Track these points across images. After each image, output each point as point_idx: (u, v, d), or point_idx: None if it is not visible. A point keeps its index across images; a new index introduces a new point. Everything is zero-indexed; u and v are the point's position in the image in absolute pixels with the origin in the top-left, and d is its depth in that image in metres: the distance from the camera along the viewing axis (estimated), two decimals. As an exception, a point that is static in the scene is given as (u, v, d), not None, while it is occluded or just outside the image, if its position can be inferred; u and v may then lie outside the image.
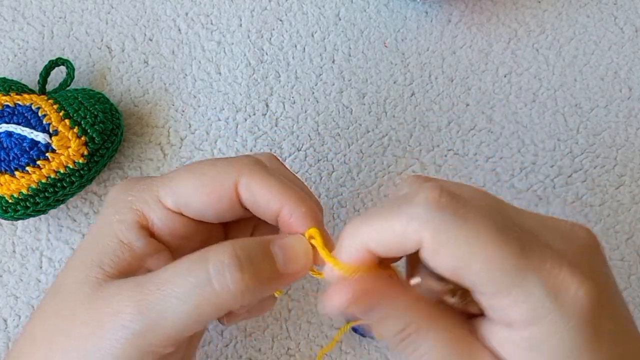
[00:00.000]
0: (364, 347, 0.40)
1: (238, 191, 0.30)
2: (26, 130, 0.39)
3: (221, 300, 0.27)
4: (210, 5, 0.47)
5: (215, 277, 0.27)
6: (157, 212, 0.30)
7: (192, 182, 0.30)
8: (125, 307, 0.27)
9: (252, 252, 0.28)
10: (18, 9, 0.47)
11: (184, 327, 0.27)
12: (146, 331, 0.27)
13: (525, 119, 0.45)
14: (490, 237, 0.24)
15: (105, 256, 0.29)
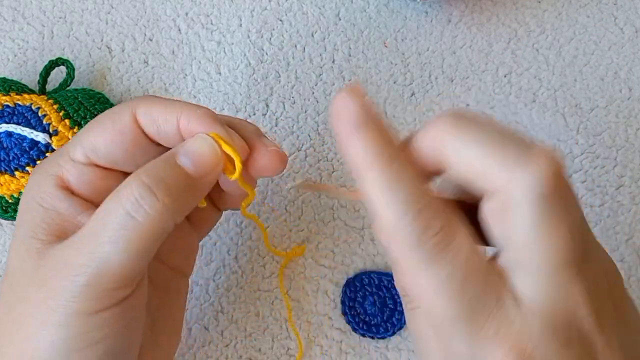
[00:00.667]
0: (364, 347, 0.40)
1: (139, 123, 0.31)
2: (26, 130, 0.39)
3: (148, 227, 0.28)
4: (210, 5, 0.47)
5: (133, 209, 0.28)
6: (70, 169, 0.31)
7: (95, 128, 0.31)
8: (68, 265, 0.28)
9: (158, 172, 0.29)
10: (18, 8, 0.47)
11: (128, 265, 0.28)
12: (94, 280, 0.27)
13: (525, 119, 0.45)
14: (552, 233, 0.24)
15: (36, 227, 0.30)
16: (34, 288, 0.29)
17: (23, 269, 0.30)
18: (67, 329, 0.28)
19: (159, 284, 0.34)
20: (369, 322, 0.40)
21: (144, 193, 0.28)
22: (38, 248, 0.29)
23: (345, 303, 0.41)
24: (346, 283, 0.41)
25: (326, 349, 0.40)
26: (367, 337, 0.40)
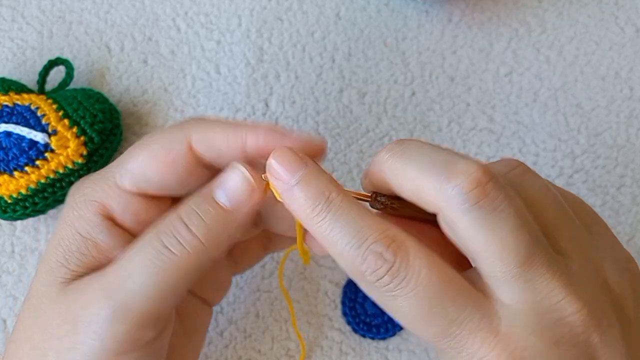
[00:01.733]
0: (364, 347, 0.40)
1: (194, 149, 0.29)
2: (25, 130, 0.38)
3: (183, 263, 0.27)
4: (210, 4, 0.47)
5: (169, 242, 0.27)
6: (116, 198, 0.29)
7: (144, 154, 0.29)
8: (93, 297, 0.27)
9: (195, 207, 0.28)
10: (17, 8, 0.46)
11: (154, 301, 0.27)
12: (118, 315, 0.26)
13: (526, 119, 0.45)
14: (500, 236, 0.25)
15: (69, 255, 0.28)
16: (57, 320, 0.28)
17: (47, 295, 0.28)
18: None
19: (183, 311, 0.33)
20: (369, 323, 0.40)
21: (180, 228, 0.27)
22: (66, 278, 0.28)
23: (345, 304, 0.40)
24: (346, 284, 0.41)
25: (326, 349, 0.40)
26: (367, 338, 0.40)
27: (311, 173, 0.27)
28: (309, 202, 0.26)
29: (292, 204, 0.27)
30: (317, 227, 0.26)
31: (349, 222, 0.26)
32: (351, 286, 0.41)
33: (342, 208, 0.26)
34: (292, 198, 0.27)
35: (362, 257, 0.25)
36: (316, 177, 0.27)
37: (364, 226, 0.25)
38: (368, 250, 0.25)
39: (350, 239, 0.25)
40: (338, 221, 0.26)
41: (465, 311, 0.25)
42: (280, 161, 0.27)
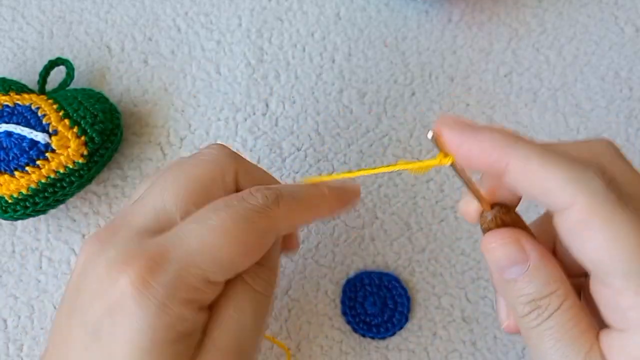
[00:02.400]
0: (364, 347, 0.40)
1: (279, 234, 0.31)
2: (25, 130, 0.38)
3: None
4: (210, 4, 0.47)
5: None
6: (208, 292, 0.28)
7: (238, 251, 0.28)
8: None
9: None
10: (17, 8, 0.46)
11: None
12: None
13: (525, 119, 0.45)
14: (636, 234, 0.23)
15: (181, 356, 0.27)
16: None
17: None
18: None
19: None
20: (369, 322, 0.40)
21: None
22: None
23: (345, 303, 0.40)
24: (346, 283, 0.41)
25: (326, 349, 0.40)
26: (367, 338, 0.40)
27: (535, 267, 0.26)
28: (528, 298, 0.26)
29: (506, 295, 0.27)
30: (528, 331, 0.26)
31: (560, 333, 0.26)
32: (351, 285, 0.41)
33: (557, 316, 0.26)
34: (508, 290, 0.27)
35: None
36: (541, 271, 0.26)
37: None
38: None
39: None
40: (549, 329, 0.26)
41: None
42: (500, 255, 0.27)
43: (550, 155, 0.24)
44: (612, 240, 0.23)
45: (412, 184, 0.44)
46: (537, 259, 0.26)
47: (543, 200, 0.25)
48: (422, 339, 0.40)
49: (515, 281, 0.26)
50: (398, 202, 0.43)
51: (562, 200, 0.24)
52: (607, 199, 0.24)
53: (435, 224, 0.43)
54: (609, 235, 0.23)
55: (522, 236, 0.27)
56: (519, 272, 0.26)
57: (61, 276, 0.41)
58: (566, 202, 0.24)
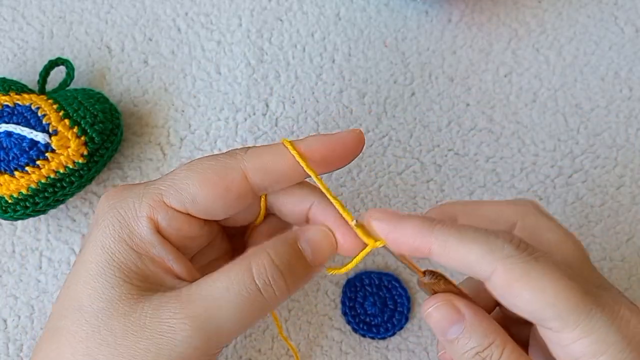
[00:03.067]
0: (364, 347, 0.40)
1: (249, 178, 0.31)
2: (26, 130, 0.38)
3: (269, 305, 0.30)
4: (210, 4, 0.47)
5: (263, 288, 0.29)
6: (163, 214, 0.30)
7: (196, 179, 0.30)
8: (180, 324, 0.28)
9: (287, 257, 0.30)
10: (18, 8, 0.46)
11: (237, 333, 0.30)
12: (206, 344, 0.29)
13: (525, 119, 0.45)
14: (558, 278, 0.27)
15: (129, 271, 0.30)
16: (131, 337, 0.29)
17: (110, 313, 0.29)
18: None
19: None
20: (369, 323, 0.40)
21: (276, 276, 0.29)
22: (132, 294, 0.29)
23: (345, 303, 0.40)
24: (346, 283, 0.41)
25: (326, 349, 0.40)
26: (367, 338, 0.40)
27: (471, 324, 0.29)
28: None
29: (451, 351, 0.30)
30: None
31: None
32: (351, 286, 0.41)
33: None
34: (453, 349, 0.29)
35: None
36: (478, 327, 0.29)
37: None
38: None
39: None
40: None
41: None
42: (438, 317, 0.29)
43: (465, 233, 0.28)
44: (535, 295, 0.26)
45: (412, 184, 0.44)
46: (471, 316, 0.29)
47: (468, 273, 0.28)
48: (422, 339, 0.40)
49: (457, 340, 0.29)
50: (398, 202, 0.43)
51: (484, 271, 0.27)
52: (520, 260, 0.27)
53: (435, 224, 0.43)
54: (531, 291, 0.26)
55: (453, 297, 0.30)
56: (458, 330, 0.29)
57: (61, 276, 0.41)
58: (487, 272, 0.27)
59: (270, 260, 0.30)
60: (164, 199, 0.30)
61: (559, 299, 0.26)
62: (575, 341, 0.26)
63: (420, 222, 0.28)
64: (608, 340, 0.26)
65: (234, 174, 0.30)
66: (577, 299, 0.26)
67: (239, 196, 0.31)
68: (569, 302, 0.26)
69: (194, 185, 0.30)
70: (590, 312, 0.26)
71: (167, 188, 0.31)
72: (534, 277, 0.26)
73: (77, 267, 0.31)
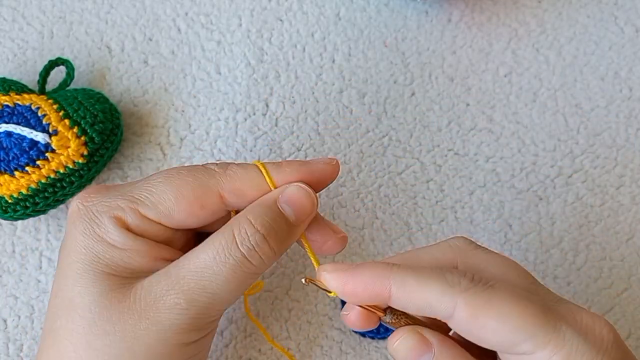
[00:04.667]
0: (364, 347, 0.40)
1: (224, 199, 0.32)
2: (26, 130, 0.38)
3: (257, 269, 0.31)
4: (210, 4, 0.47)
5: (249, 254, 0.30)
6: (136, 220, 0.31)
7: (174, 194, 0.31)
8: (175, 299, 0.29)
9: (267, 219, 0.30)
10: (18, 8, 0.46)
11: (231, 300, 0.31)
12: (203, 313, 0.30)
13: (525, 119, 0.45)
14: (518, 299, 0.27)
15: (109, 263, 0.30)
16: (129, 321, 0.29)
17: (103, 304, 0.30)
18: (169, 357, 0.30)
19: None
20: (369, 323, 0.40)
21: (260, 241, 0.30)
22: (124, 284, 0.30)
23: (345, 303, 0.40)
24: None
25: (326, 349, 0.40)
26: (367, 338, 0.40)
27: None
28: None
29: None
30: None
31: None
32: (351, 286, 0.41)
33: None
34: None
35: None
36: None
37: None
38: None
39: None
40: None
41: None
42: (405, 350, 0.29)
43: (422, 272, 0.28)
44: (502, 321, 0.27)
45: (412, 184, 0.44)
46: (439, 344, 0.29)
47: (430, 313, 0.28)
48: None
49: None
50: (398, 202, 0.43)
51: (445, 308, 0.27)
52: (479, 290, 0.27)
53: (435, 224, 0.43)
54: (497, 319, 0.27)
55: (419, 328, 0.29)
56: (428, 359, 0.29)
57: (61, 276, 0.41)
58: (449, 308, 0.27)
59: (251, 225, 0.30)
60: (139, 209, 0.31)
61: (526, 320, 0.26)
62: (549, 358, 0.26)
63: (375, 268, 0.29)
64: (579, 350, 0.26)
65: (211, 194, 0.31)
66: (542, 317, 0.27)
67: (212, 213, 0.32)
68: (535, 322, 0.26)
69: (170, 201, 0.31)
70: (556, 327, 0.27)
71: (143, 199, 0.31)
72: (496, 304, 0.27)
73: (63, 270, 0.31)
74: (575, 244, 0.43)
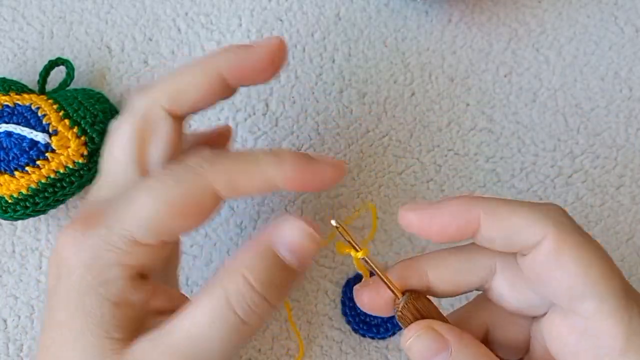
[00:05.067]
0: (364, 347, 0.40)
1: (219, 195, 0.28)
2: (26, 130, 0.39)
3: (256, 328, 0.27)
4: (210, 5, 0.47)
5: (246, 316, 0.26)
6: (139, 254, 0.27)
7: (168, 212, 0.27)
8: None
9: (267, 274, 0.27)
10: (18, 8, 0.46)
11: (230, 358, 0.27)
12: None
13: (525, 119, 0.45)
14: (608, 262, 0.26)
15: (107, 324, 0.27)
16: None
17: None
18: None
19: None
20: (369, 323, 0.40)
21: (258, 301, 0.26)
22: (115, 348, 0.27)
23: (345, 303, 0.40)
24: (346, 283, 0.41)
25: (326, 349, 0.40)
26: (367, 338, 0.40)
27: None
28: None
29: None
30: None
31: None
32: (351, 286, 0.41)
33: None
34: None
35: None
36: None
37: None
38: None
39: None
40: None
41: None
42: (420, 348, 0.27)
43: (514, 202, 0.27)
44: (586, 267, 0.25)
45: (412, 184, 0.44)
46: (456, 341, 0.27)
47: (516, 241, 0.26)
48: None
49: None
50: (398, 202, 0.43)
51: (534, 236, 0.26)
52: (575, 230, 0.26)
53: (435, 224, 0.43)
54: (582, 262, 0.25)
55: (434, 324, 0.27)
56: (444, 359, 0.27)
57: (61, 276, 0.41)
58: (538, 236, 0.26)
59: (246, 284, 0.26)
60: (135, 238, 0.27)
61: (609, 280, 0.25)
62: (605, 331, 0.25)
63: (463, 198, 0.27)
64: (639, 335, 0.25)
65: (206, 198, 0.27)
66: (619, 288, 0.25)
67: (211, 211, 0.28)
68: (615, 288, 0.25)
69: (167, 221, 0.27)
70: (628, 305, 0.25)
71: (137, 228, 0.27)
72: (586, 250, 0.25)
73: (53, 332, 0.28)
74: (575, 244, 0.43)
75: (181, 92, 0.30)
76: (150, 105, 0.30)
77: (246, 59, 0.30)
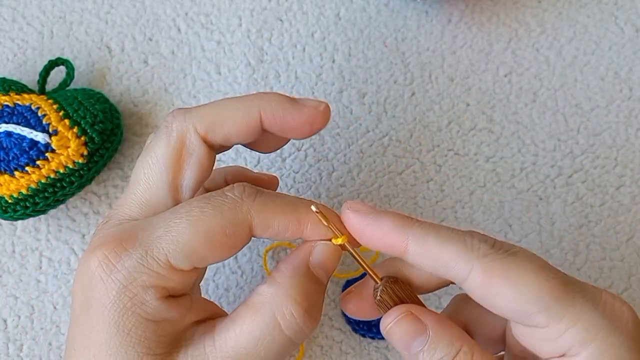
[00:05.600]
0: (364, 347, 0.40)
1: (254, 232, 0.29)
2: (26, 130, 0.39)
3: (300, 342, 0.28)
4: (210, 5, 0.47)
5: (295, 335, 0.28)
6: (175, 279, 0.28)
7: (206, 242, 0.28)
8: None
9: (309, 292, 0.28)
10: (18, 8, 0.46)
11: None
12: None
13: (525, 119, 0.45)
14: (538, 270, 0.26)
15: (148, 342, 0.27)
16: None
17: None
18: None
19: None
20: (369, 323, 0.40)
21: (306, 319, 0.28)
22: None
23: (345, 303, 0.40)
24: (346, 283, 0.41)
25: (326, 349, 0.40)
26: (367, 338, 0.40)
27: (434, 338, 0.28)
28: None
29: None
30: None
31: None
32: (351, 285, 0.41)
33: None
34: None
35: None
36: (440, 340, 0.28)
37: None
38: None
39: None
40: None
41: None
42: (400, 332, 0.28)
43: (442, 232, 0.27)
44: (519, 287, 0.26)
45: (412, 184, 0.44)
46: (434, 324, 0.28)
47: (445, 274, 0.27)
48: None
49: (422, 352, 0.27)
50: (398, 202, 0.43)
51: (461, 270, 0.27)
52: (498, 257, 0.26)
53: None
54: (514, 285, 0.26)
55: (413, 307, 0.28)
56: (422, 342, 0.27)
57: (61, 276, 0.41)
58: (465, 271, 0.26)
59: (296, 304, 0.27)
60: (170, 262, 0.27)
61: (542, 292, 0.26)
62: (564, 332, 0.26)
63: (398, 218, 0.28)
64: (597, 325, 0.25)
65: (242, 231, 0.28)
66: (560, 290, 0.26)
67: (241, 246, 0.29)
68: (552, 294, 0.26)
69: (203, 249, 0.28)
70: (574, 300, 0.26)
71: (173, 254, 0.27)
72: (514, 272, 0.26)
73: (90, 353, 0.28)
74: (575, 244, 0.43)
75: (218, 123, 0.30)
76: (187, 129, 0.30)
77: (288, 113, 0.31)
